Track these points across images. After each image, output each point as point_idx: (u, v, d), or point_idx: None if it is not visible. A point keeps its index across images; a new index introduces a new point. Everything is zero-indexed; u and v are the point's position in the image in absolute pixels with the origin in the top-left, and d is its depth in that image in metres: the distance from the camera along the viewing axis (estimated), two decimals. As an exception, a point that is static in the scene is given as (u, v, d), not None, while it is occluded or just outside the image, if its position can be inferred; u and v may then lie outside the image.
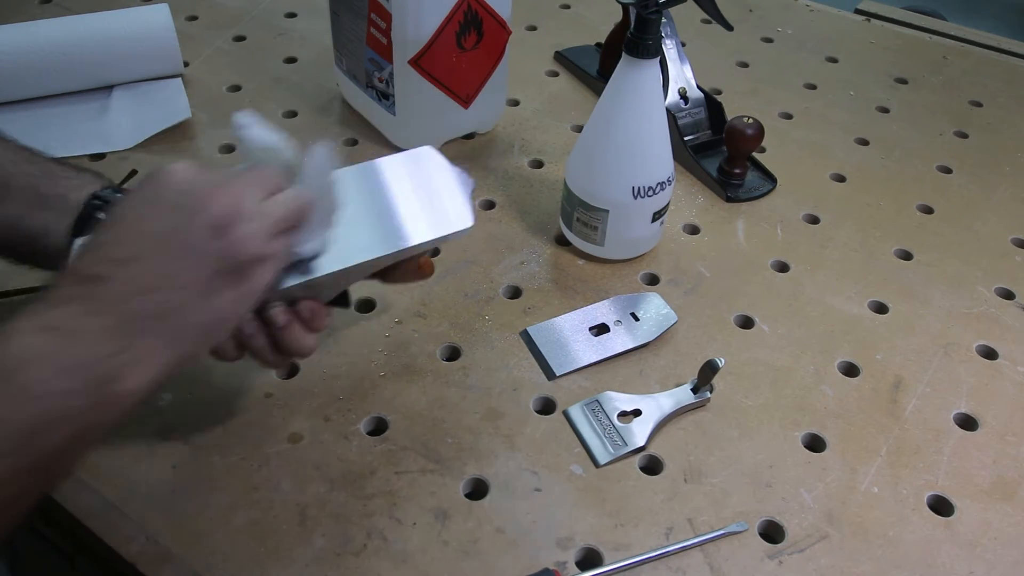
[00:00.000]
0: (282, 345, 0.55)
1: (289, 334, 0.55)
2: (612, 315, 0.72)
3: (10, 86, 0.89)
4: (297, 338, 0.55)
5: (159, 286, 0.45)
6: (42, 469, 0.44)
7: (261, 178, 0.49)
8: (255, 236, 0.47)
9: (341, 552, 0.56)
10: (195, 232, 0.46)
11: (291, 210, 0.49)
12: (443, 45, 0.80)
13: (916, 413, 0.67)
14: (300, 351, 0.56)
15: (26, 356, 0.42)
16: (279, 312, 0.54)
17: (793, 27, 1.12)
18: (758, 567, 0.57)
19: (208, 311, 0.47)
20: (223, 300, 0.47)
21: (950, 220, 0.85)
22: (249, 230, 0.47)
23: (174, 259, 0.45)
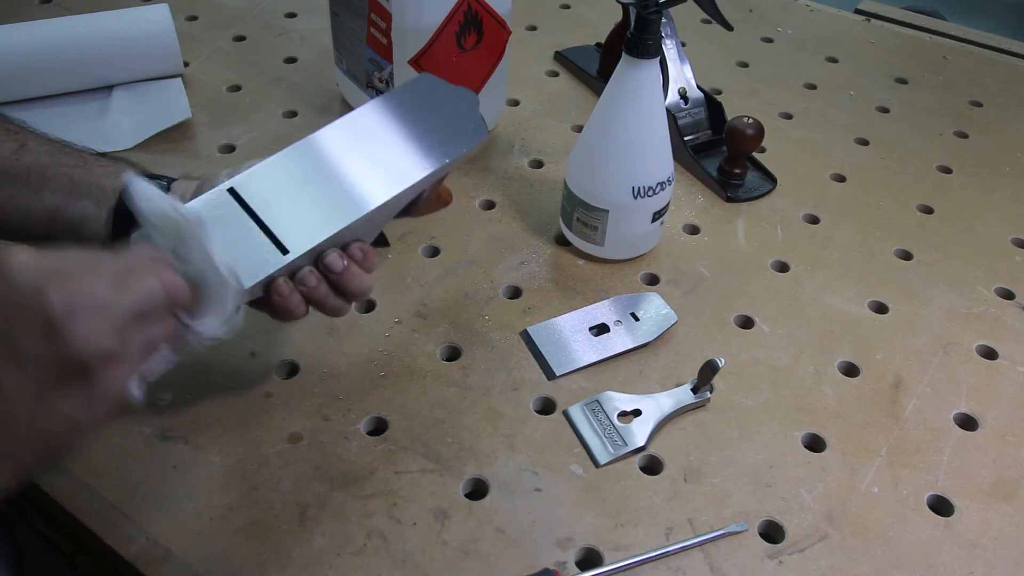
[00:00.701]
0: (345, 288, 0.57)
1: (349, 276, 0.56)
2: (612, 315, 0.72)
3: (10, 86, 0.89)
4: (356, 278, 0.56)
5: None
6: None
7: (113, 262, 0.44)
8: (94, 335, 0.41)
9: (341, 552, 0.56)
10: (20, 336, 0.40)
11: (149, 296, 0.44)
12: (443, 45, 0.80)
13: (916, 413, 0.67)
14: (361, 291, 0.57)
15: None
16: (335, 258, 0.55)
17: (793, 27, 1.12)
18: (758, 567, 0.57)
19: (46, 420, 0.42)
20: (65, 407, 0.42)
21: (950, 220, 0.85)
22: (89, 328, 0.41)
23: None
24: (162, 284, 0.45)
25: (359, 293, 0.58)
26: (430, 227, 0.80)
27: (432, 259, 0.77)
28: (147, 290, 0.44)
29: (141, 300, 0.44)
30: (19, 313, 0.40)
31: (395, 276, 0.75)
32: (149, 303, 0.44)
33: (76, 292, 0.41)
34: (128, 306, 0.43)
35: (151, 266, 0.45)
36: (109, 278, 0.43)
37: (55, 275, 0.41)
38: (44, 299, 0.40)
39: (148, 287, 0.44)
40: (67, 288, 0.41)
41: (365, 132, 0.58)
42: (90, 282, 0.42)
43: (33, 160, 0.59)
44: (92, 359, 0.41)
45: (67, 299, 0.41)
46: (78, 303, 0.41)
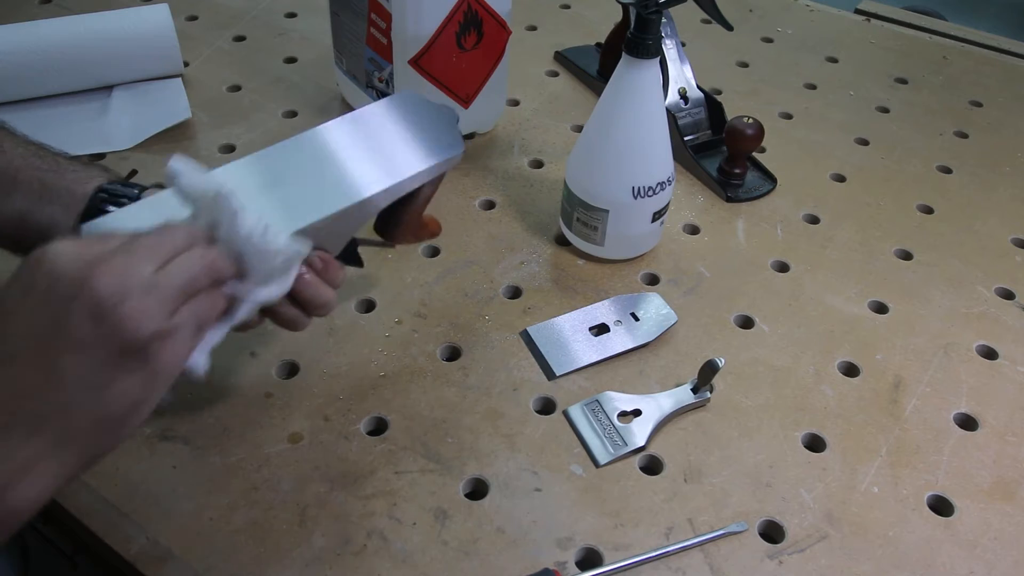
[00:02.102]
0: (300, 297, 0.54)
1: (303, 285, 0.53)
2: (612, 315, 0.72)
3: (10, 86, 0.89)
4: (311, 287, 0.54)
5: (40, 387, 0.42)
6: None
7: (155, 243, 0.44)
8: (145, 315, 0.42)
9: (341, 552, 0.56)
10: (73, 323, 0.41)
11: (196, 273, 0.45)
12: (443, 45, 0.80)
13: (916, 413, 0.67)
14: (318, 303, 0.54)
15: None
16: None
17: (793, 27, 1.12)
18: (758, 567, 0.57)
19: (106, 404, 0.43)
20: (123, 388, 0.43)
21: (950, 220, 0.85)
22: (138, 308, 0.42)
23: (51, 356, 0.41)
24: (203, 261, 0.46)
25: (316, 305, 0.55)
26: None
27: (432, 259, 0.77)
28: (190, 267, 0.45)
29: (185, 277, 0.45)
30: (68, 301, 0.41)
31: (395, 276, 0.75)
32: (193, 279, 0.45)
33: (121, 275, 0.42)
34: (174, 284, 0.44)
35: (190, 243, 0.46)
36: (151, 259, 0.44)
37: (98, 261, 0.42)
38: (91, 285, 0.41)
39: (190, 264, 0.45)
40: (111, 272, 0.42)
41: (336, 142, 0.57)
42: (133, 264, 0.43)
43: (6, 163, 0.59)
44: (145, 338, 0.42)
45: (113, 283, 0.42)
46: (124, 286, 0.42)
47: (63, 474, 0.43)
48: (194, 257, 0.45)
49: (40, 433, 0.42)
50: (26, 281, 0.42)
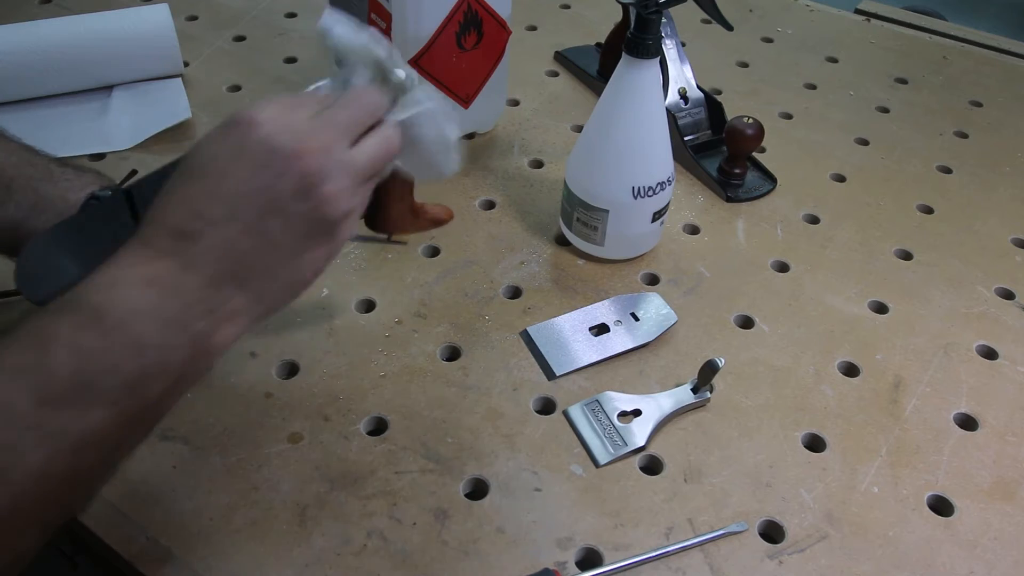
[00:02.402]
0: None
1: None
2: (612, 315, 0.72)
3: (10, 86, 0.89)
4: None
5: (251, 247, 0.45)
6: (139, 419, 0.45)
7: (352, 118, 0.48)
8: (341, 194, 0.47)
9: (341, 552, 0.56)
10: (283, 194, 0.45)
11: (382, 155, 0.49)
12: (443, 45, 0.80)
13: (916, 413, 0.67)
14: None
15: (134, 309, 0.43)
16: None
17: (793, 27, 1.12)
18: (758, 567, 0.57)
19: (297, 269, 0.48)
20: (311, 257, 0.48)
21: (950, 220, 0.85)
22: (335, 188, 0.46)
23: (264, 221, 0.45)
24: (388, 143, 0.50)
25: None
26: (430, 227, 0.80)
27: (432, 259, 0.77)
28: (377, 150, 0.49)
29: (374, 160, 0.49)
30: (281, 173, 0.45)
31: (395, 276, 0.75)
32: (379, 161, 0.49)
33: (326, 154, 0.46)
34: (365, 166, 0.48)
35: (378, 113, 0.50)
36: (349, 134, 0.48)
37: (307, 135, 0.46)
38: (303, 162, 0.45)
39: (378, 146, 0.49)
40: (319, 150, 0.46)
41: None
42: (336, 142, 0.47)
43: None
44: (340, 216, 0.47)
45: (321, 162, 0.46)
46: (328, 165, 0.46)
47: (249, 326, 0.48)
48: (381, 138, 0.49)
49: (246, 290, 0.46)
50: (236, 144, 0.46)
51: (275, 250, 0.46)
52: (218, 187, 0.45)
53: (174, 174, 0.48)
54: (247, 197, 0.45)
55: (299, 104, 0.47)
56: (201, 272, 0.45)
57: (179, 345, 0.45)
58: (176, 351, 0.45)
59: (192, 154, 0.48)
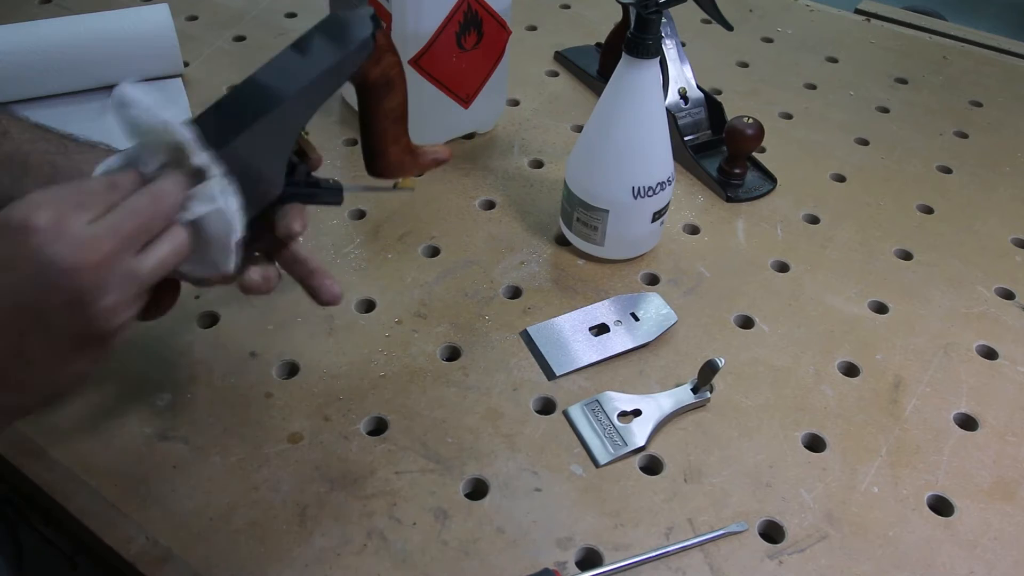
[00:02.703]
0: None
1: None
2: (612, 315, 0.72)
3: (10, 86, 0.89)
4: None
5: (6, 364, 0.43)
6: None
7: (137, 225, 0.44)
8: (118, 308, 0.43)
9: (341, 552, 0.56)
10: (52, 310, 0.42)
11: (165, 266, 0.45)
12: (443, 45, 0.80)
13: (916, 413, 0.67)
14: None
15: None
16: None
17: (793, 27, 1.12)
18: (758, 567, 0.57)
19: (58, 380, 0.45)
20: (76, 367, 0.45)
21: (950, 220, 0.85)
22: (113, 302, 0.43)
23: (25, 337, 0.42)
24: (179, 251, 0.46)
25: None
26: (430, 227, 0.80)
27: (432, 259, 0.77)
28: (172, 259, 0.46)
29: (165, 270, 0.46)
30: (52, 289, 0.41)
31: (395, 276, 0.75)
32: (169, 270, 0.46)
33: (108, 269, 0.42)
34: (153, 277, 0.45)
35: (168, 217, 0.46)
36: (137, 245, 0.44)
37: (87, 249, 0.42)
38: (78, 277, 0.41)
39: (173, 256, 0.46)
40: (100, 265, 0.42)
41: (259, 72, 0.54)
42: (122, 255, 0.43)
43: (14, 148, 0.59)
44: (115, 329, 0.44)
45: (100, 276, 0.42)
46: (109, 280, 0.42)
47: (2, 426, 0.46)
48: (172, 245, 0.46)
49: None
50: (5, 251, 0.42)
51: (33, 365, 0.43)
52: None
53: None
54: (7, 312, 0.42)
55: (80, 203, 0.43)
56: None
57: None
58: None
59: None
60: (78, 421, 0.63)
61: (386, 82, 0.58)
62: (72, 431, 0.62)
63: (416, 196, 0.83)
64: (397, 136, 0.60)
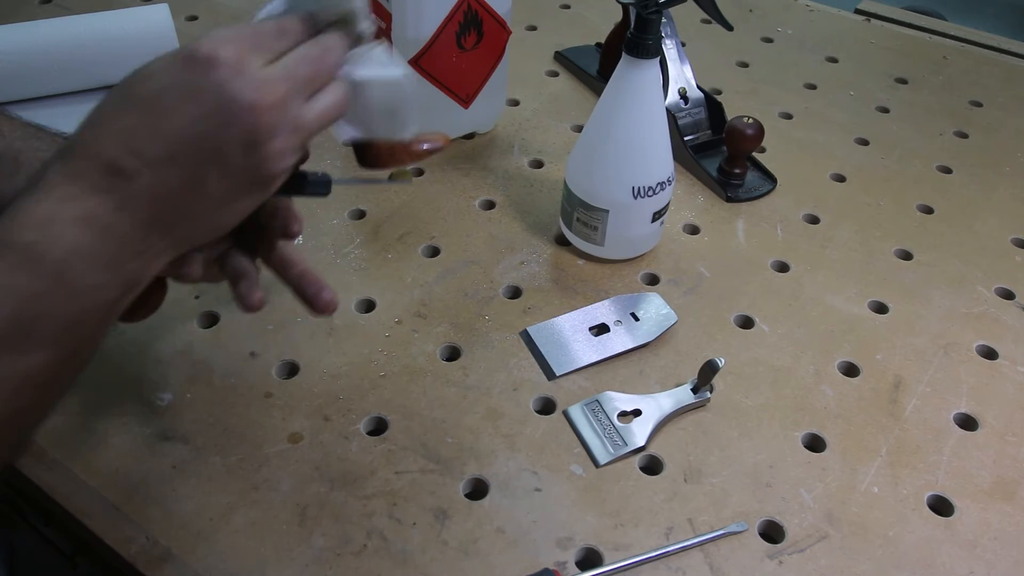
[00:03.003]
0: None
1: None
2: (612, 315, 0.72)
3: (10, 86, 0.89)
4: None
5: (187, 192, 0.45)
6: (75, 357, 0.45)
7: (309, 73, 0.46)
8: (285, 152, 0.46)
9: (341, 552, 0.56)
10: (229, 144, 0.44)
11: (327, 118, 0.48)
12: (443, 45, 0.80)
13: (916, 413, 0.67)
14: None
15: (71, 250, 0.43)
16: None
17: (793, 27, 1.12)
18: (758, 567, 0.57)
19: (225, 216, 0.47)
20: (241, 206, 0.47)
21: (950, 220, 0.85)
22: (281, 146, 0.45)
23: (204, 168, 0.44)
24: (341, 97, 0.48)
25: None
26: (430, 227, 0.80)
27: (432, 259, 0.77)
28: (333, 112, 0.48)
29: (326, 122, 0.48)
30: (231, 123, 0.43)
31: (395, 276, 0.75)
32: (330, 123, 0.48)
33: (282, 111, 0.44)
34: (316, 128, 0.47)
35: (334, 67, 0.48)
36: (304, 90, 0.46)
37: (265, 89, 0.44)
38: (256, 115, 0.43)
39: (334, 109, 0.48)
40: (276, 107, 0.44)
41: None
42: (294, 101, 0.45)
43: (6, 146, 0.59)
44: (279, 172, 0.46)
45: (275, 118, 0.44)
46: (282, 123, 0.44)
47: (167, 262, 0.48)
48: (334, 98, 0.48)
49: (171, 234, 0.46)
50: (190, 82, 0.43)
51: (207, 198, 0.45)
52: (162, 125, 0.44)
53: (111, 96, 0.46)
54: (191, 142, 0.43)
55: (259, 44, 0.45)
56: (134, 215, 0.44)
57: (113, 286, 0.45)
58: (110, 291, 0.45)
59: (137, 80, 0.46)
60: (78, 421, 0.63)
61: None
62: (72, 431, 0.62)
63: (416, 196, 0.83)
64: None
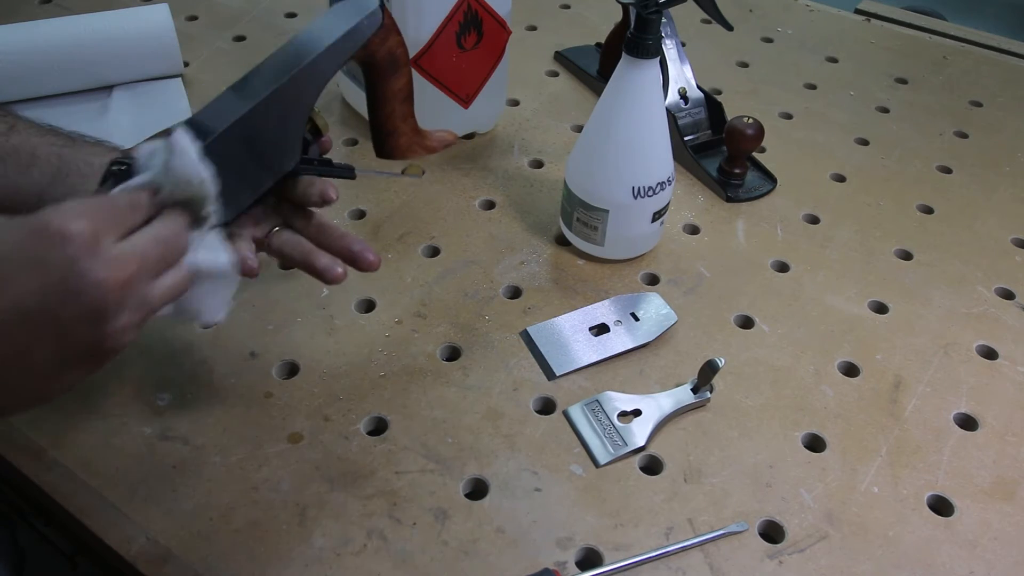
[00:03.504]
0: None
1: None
2: (612, 315, 0.72)
3: (10, 86, 0.89)
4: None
5: (9, 363, 0.42)
6: None
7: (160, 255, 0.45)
8: (127, 330, 0.44)
9: (341, 552, 0.56)
10: (69, 318, 0.42)
11: (170, 298, 0.47)
12: (443, 45, 0.80)
13: (916, 413, 0.67)
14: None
15: None
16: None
17: (793, 27, 1.12)
18: (758, 567, 0.57)
19: (47, 388, 0.45)
20: (68, 379, 0.45)
21: (950, 220, 0.85)
22: (124, 324, 0.43)
23: (34, 341, 0.42)
24: (182, 288, 0.48)
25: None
26: (430, 227, 0.80)
27: (432, 259, 0.77)
28: (175, 293, 0.47)
29: (168, 301, 0.47)
30: (76, 298, 0.41)
31: (395, 276, 0.75)
32: (169, 302, 0.47)
33: (129, 290, 0.43)
34: (158, 307, 0.46)
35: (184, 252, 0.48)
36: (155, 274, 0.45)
37: (115, 267, 0.42)
38: (102, 293, 0.42)
39: (177, 290, 0.47)
40: (124, 286, 0.43)
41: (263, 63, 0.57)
42: (142, 281, 0.44)
43: (22, 140, 0.59)
44: (118, 349, 0.44)
45: (122, 296, 0.43)
46: (127, 302, 0.43)
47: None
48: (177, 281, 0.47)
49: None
50: (37, 254, 0.41)
51: (31, 371, 0.43)
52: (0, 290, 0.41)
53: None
54: (25, 313, 0.41)
55: (112, 219, 0.44)
56: None
57: None
58: None
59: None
60: (78, 421, 0.63)
61: (392, 60, 0.59)
62: (72, 431, 0.62)
63: (416, 196, 0.83)
64: (405, 116, 0.61)
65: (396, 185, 0.84)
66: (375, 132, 0.63)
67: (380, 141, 0.62)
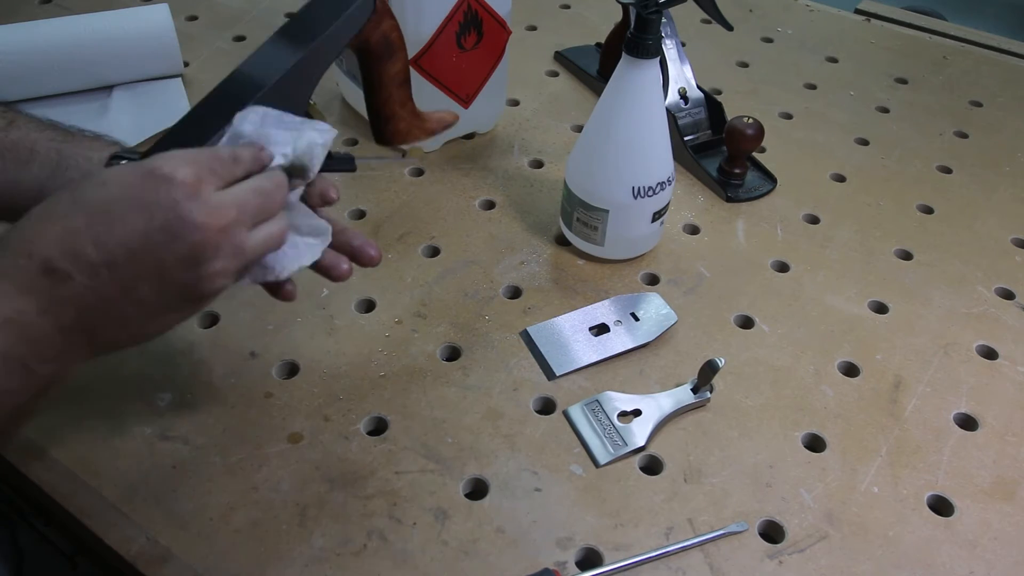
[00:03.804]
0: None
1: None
2: (612, 315, 0.72)
3: (10, 86, 0.89)
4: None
5: (120, 300, 0.45)
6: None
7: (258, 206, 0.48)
8: (223, 275, 0.47)
9: (341, 552, 0.56)
10: (170, 258, 0.45)
11: (266, 249, 0.50)
12: (443, 45, 0.80)
13: (916, 413, 0.67)
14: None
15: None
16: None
17: (793, 27, 1.12)
18: (758, 567, 0.57)
19: (152, 326, 0.48)
20: (169, 319, 0.48)
21: (950, 220, 0.85)
22: (221, 268, 0.46)
23: (142, 278, 0.45)
24: (278, 241, 0.50)
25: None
26: (430, 227, 0.80)
27: (432, 259, 0.77)
28: (271, 245, 0.50)
29: (264, 253, 0.49)
30: (176, 240, 0.44)
31: (395, 276, 0.75)
32: (265, 254, 0.50)
33: (227, 235, 0.46)
34: (253, 257, 0.49)
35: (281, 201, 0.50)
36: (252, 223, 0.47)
37: (215, 212, 0.45)
38: (202, 235, 0.45)
39: (272, 242, 0.49)
40: (222, 230, 0.45)
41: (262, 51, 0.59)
42: (239, 228, 0.47)
43: (21, 135, 0.60)
44: (213, 294, 0.47)
45: (219, 240, 0.45)
46: (224, 246, 0.46)
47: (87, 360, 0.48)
48: (273, 232, 0.49)
49: (92, 340, 0.46)
50: (145, 195, 0.44)
51: (137, 307, 0.46)
52: (107, 232, 0.44)
53: (61, 196, 0.46)
54: (134, 252, 0.44)
55: (215, 170, 0.47)
56: (58, 319, 0.44)
57: (22, 391, 0.45)
58: (18, 396, 0.45)
59: (90, 185, 0.46)
60: (78, 421, 0.63)
61: (387, 45, 0.60)
62: (72, 431, 0.62)
63: (416, 196, 0.83)
64: (403, 100, 0.61)
65: (396, 185, 0.84)
66: (373, 118, 0.62)
67: (379, 127, 0.62)
